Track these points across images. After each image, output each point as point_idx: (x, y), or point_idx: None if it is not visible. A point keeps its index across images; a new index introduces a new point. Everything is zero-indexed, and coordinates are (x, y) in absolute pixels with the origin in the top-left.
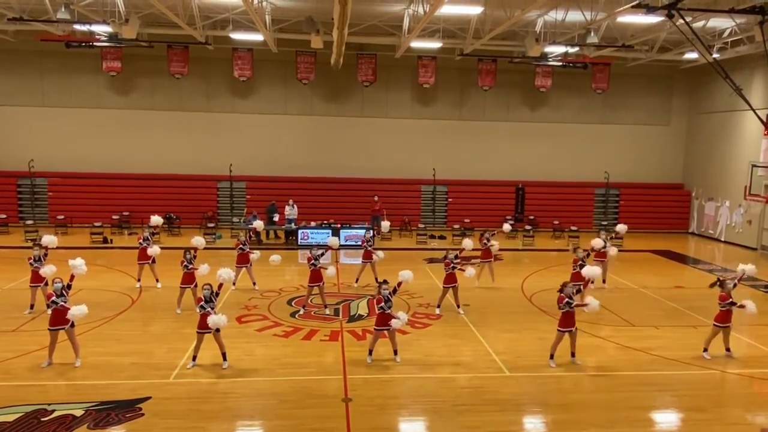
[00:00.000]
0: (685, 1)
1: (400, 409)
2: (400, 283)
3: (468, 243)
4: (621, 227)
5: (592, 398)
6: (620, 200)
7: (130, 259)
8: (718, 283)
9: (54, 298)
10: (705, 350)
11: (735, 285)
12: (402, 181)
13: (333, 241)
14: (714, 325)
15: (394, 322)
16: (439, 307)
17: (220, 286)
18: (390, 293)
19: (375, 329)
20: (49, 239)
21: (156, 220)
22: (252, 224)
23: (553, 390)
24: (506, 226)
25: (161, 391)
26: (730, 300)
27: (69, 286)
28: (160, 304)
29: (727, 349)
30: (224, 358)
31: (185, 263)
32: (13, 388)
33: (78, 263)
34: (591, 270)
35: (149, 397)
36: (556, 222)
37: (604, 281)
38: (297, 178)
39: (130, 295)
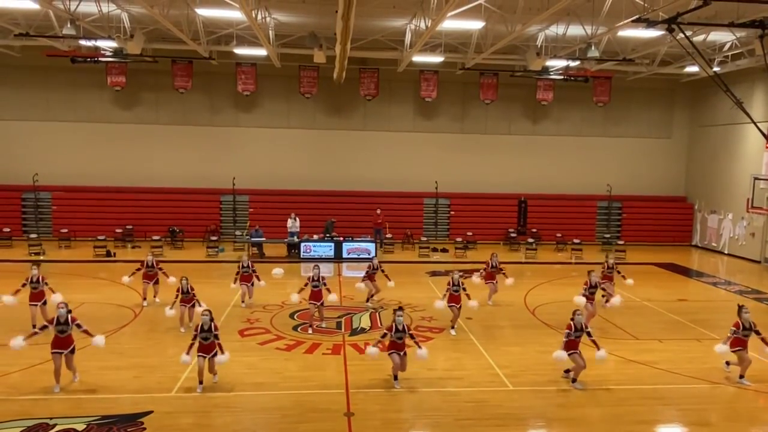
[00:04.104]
0: (685, 16)
1: (402, 424)
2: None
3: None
4: (616, 300)
5: (595, 412)
6: (623, 213)
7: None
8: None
9: (58, 326)
10: (741, 377)
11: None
12: (404, 194)
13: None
14: (733, 351)
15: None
16: (453, 327)
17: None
18: (407, 326)
19: (389, 353)
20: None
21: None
22: (255, 239)
23: (557, 404)
24: (509, 281)
25: (163, 405)
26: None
27: (78, 325)
28: (163, 318)
29: (727, 363)
30: (214, 372)
31: (182, 291)
32: (16, 402)
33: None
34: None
35: (151, 411)
36: (559, 235)
37: (608, 301)
38: (299, 192)
39: (133, 309)
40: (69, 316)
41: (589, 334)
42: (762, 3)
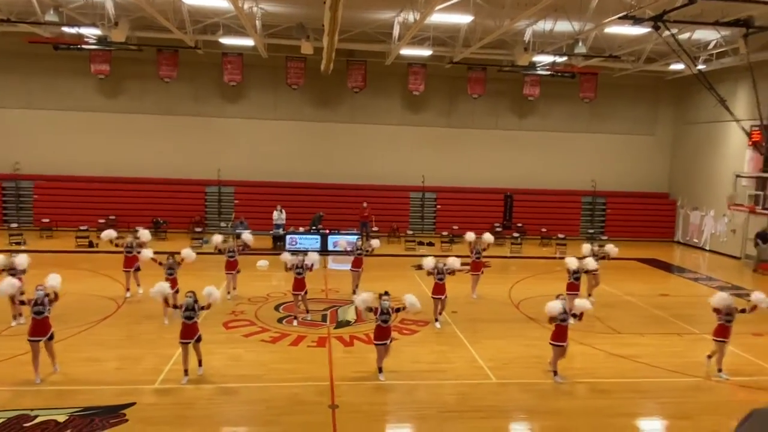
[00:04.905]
0: (671, 14)
1: (386, 416)
2: (404, 308)
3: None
4: (611, 248)
5: (578, 405)
6: (607, 208)
7: (116, 263)
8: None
9: (35, 306)
10: (719, 370)
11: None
12: (391, 187)
13: (313, 257)
14: (715, 340)
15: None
16: (437, 320)
17: (209, 305)
18: (391, 307)
19: (375, 344)
20: (21, 260)
21: (145, 234)
22: (239, 231)
23: (540, 397)
24: (487, 236)
25: (146, 396)
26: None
27: (56, 297)
28: (146, 309)
29: (709, 356)
30: (200, 364)
31: (167, 269)
32: None
33: (53, 281)
34: (582, 303)
35: (134, 403)
36: (544, 229)
37: (590, 295)
38: (286, 184)
39: (115, 300)
40: (46, 298)
41: (574, 316)
42: (746, 2)
